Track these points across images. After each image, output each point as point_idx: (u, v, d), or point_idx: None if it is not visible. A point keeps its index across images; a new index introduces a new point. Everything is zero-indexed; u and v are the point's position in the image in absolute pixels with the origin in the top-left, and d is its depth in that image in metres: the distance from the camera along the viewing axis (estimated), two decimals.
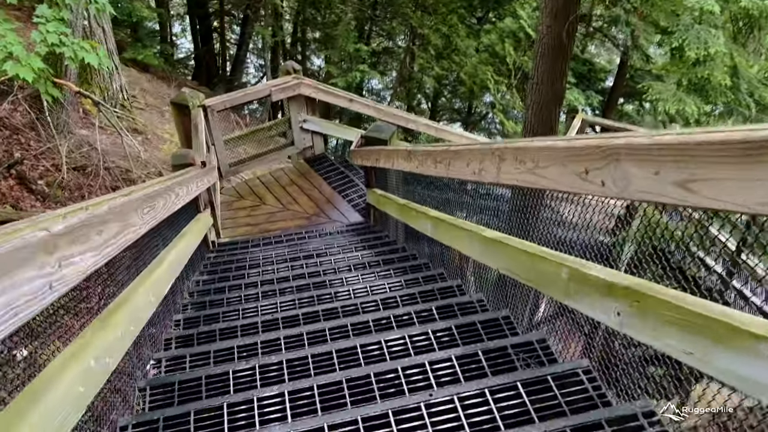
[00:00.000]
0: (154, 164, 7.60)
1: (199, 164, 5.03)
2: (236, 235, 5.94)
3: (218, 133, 6.21)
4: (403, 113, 7.38)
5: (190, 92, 5.93)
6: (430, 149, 2.84)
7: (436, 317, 2.72)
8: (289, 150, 6.92)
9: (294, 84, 6.37)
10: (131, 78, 11.05)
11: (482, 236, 2.55)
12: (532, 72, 5.92)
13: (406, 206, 3.98)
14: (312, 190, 6.66)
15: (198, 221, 4.44)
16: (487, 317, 2.56)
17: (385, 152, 3.94)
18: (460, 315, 2.71)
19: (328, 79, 12.83)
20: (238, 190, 6.65)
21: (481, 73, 10.54)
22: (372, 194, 5.39)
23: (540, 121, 5.99)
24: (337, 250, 4.56)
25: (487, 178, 2.16)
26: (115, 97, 8.05)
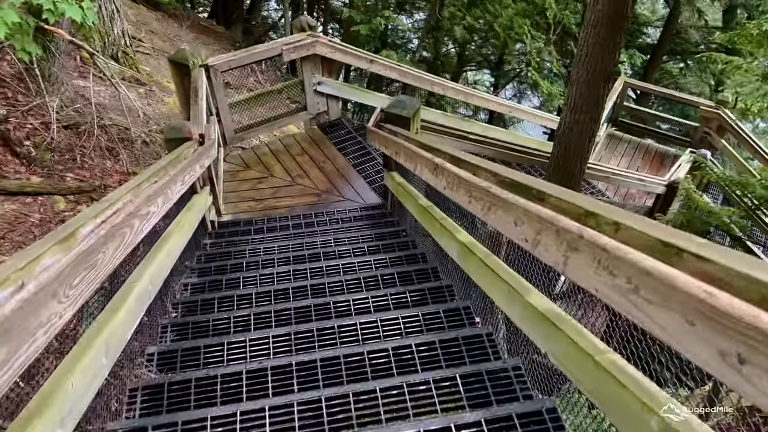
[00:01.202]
0: (157, 120, 7.01)
1: (196, 138, 4.45)
2: (238, 212, 5.40)
3: (222, 95, 5.57)
4: (429, 76, 6.64)
5: (191, 48, 5.27)
6: (466, 178, 2.21)
7: (465, 402, 2.16)
8: (301, 115, 6.27)
9: (308, 43, 5.65)
10: (140, 17, 10.31)
11: (528, 303, 1.98)
12: (580, 43, 5.13)
13: (428, 211, 3.38)
14: (325, 162, 6.05)
15: (189, 211, 3.89)
16: (530, 409, 2.00)
17: (407, 150, 3.30)
18: (494, 396, 2.16)
19: (351, 25, 11.94)
20: (245, 158, 6.06)
21: (517, 26, 9.60)
22: (390, 179, 4.77)
23: (585, 99, 5.25)
24: (348, 249, 4.00)
25: (545, 257, 1.56)
26: (117, 43, 7.38)
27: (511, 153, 5.83)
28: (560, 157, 5.73)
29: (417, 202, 3.67)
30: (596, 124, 5.48)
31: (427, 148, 3.09)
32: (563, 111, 5.64)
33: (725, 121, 9.30)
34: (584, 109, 5.35)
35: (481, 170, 2.33)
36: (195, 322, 2.96)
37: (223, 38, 12.61)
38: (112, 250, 1.88)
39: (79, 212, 5.33)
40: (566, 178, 5.84)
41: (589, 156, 5.80)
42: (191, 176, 3.54)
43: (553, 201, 1.71)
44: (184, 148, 4.06)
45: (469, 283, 2.87)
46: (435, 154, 2.90)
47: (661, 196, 8.08)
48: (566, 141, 5.62)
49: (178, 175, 3.08)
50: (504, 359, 2.39)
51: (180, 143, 4.30)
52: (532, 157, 6.03)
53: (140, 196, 2.46)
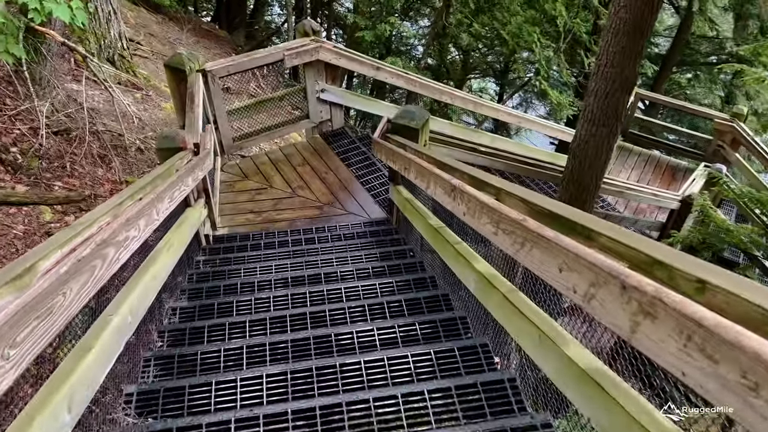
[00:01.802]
0: (153, 126, 6.73)
1: (191, 147, 4.17)
2: (235, 225, 5.11)
3: (220, 102, 5.29)
4: (437, 84, 6.36)
5: (188, 53, 4.99)
6: (491, 205, 1.92)
7: None
8: (303, 123, 5.99)
9: (312, 48, 5.37)
10: (140, 20, 10.06)
11: (564, 355, 1.68)
12: (599, 51, 4.86)
13: (440, 233, 3.09)
14: (327, 172, 5.76)
15: (180, 226, 3.60)
16: None
17: (418, 167, 3.01)
18: None
19: (355, 30, 11.68)
20: (243, 168, 5.77)
21: (526, 34, 9.34)
22: (396, 193, 4.48)
23: (604, 111, 4.97)
24: (351, 270, 3.70)
25: (602, 316, 1.27)
26: (113, 46, 7.11)
27: (522, 166, 5.54)
28: (575, 171, 5.45)
29: (427, 222, 3.38)
30: (614, 137, 5.20)
31: (442, 165, 2.80)
32: (579, 123, 5.36)
33: (739, 134, 9.02)
34: (602, 122, 5.07)
35: (507, 195, 2.04)
36: (181, 355, 2.66)
37: (225, 42, 12.36)
38: (77, 290, 1.59)
39: (67, 224, 5.06)
40: (580, 193, 5.56)
41: (605, 171, 5.52)
42: (182, 191, 3.25)
43: (603, 241, 1.42)
44: (176, 159, 3.78)
45: (488, 316, 2.57)
46: (451, 173, 2.61)
47: (675, 211, 7.80)
48: (582, 155, 5.34)
49: (166, 192, 2.79)
50: (531, 414, 2.09)
51: (173, 153, 4.03)
52: (545, 171, 5.75)
53: (119, 218, 2.17)
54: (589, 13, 9.48)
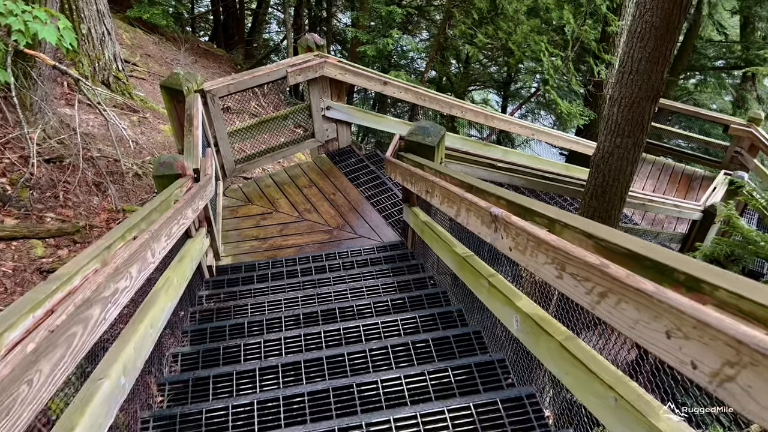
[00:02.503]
0: (151, 150, 6.44)
1: (190, 174, 3.86)
2: (240, 254, 4.79)
3: (221, 123, 5.00)
4: (445, 97, 6.07)
5: (185, 72, 4.71)
6: (548, 240, 1.60)
7: None
8: (308, 143, 5.69)
9: (316, 64, 5.09)
10: (136, 40, 9.82)
11: (655, 428, 1.36)
12: (621, 58, 4.56)
13: (469, 263, 2.76)
14: (335, 194, 5.45)
15: (181, 261, 3.29)
16: None
17: (444, 191, 2.69)
18: None
19: (356, 46, 11.45)
20: (246, 192, 5.47)
21: (533, 43, 9.07)
22: (412, 215, 4.17)
23: (629, 120, 4.66)
24: (368, 304, 3.37)
25: (746, 407, 0.94)
26: (108, 68, 6.84)
27: (542, 181, 5.23)
28: (598, 185, 5.14)
29: (452, 250, 3.06)
30: (640, 149, 4.90)
31: (473, 189, 2.48)
32: (601, 134, 5.05)
33: (758, 139, 8.72)
34: (627, 132, 4.77)
35: (564, 228, 1.72)
36: (184, 415, 2.33)
37: (224, 61, 12.13)
38: (49, 371, 1.27)
39: (59, 258, 4.75)
40: (605, 209, 5.25)
41: (630, 184, 5.21)
42: (182, 225, 2.94)
43: (722, 296, 1.09)
44: (175, 188, 3.47)
45: (534, 361, 2.24)
46: (486, 198, 2.30)
47: (697, 222, 7.47)
48: (605, 168, 5.03)
49: (163, 228, 2.48)
50: None
51: (171, 181, 3.72)
52: (566, 186, 5.43)
53: (107, 267, 1.85)
54: (597, 21, 9.22)
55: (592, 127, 10.19)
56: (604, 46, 9.34)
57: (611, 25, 8.85)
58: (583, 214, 5.39)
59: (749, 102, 11.76)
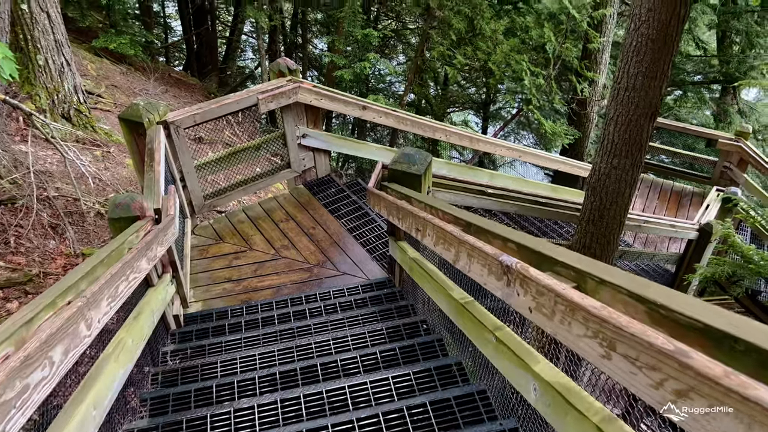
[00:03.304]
0: (115, 186, 6.00)
1: (151, 215, 3.46)
2: (211, 298, 4.36)
3: (187, 157, 4.60)
4: (428, 121, 5.75)
5: (146, 103, 4.32)
6: (587, 308, 1.23)
7: None
8: (284, 174, 5.30)
9: (289, 89, 4.73)
10: (102, 71, 9.41)
11: None
12: (617, 75, 4.28)
13: (469, 311, 2.39)
14: (314, 227, 5.06)
15: (138, 318, 2.86)
16: None
17: (438, 230, 2.31)
18: None
19: (333, 71, 11.16)
20: (217, 229, 5.05)
21: (514, 62, 8.84)
22: (399, 250, 3.79)
23: (626, 141, 4.36)
24: (354, 358, 2.96)
25: None
26: (68, 100, 6.41)
27: (536, 207, 4.90)
28: (595, 209, 4.81)
29: (448, 294, 2.68)
30: (638, 170, 4.59)
31: (473, 229, 2.11)
32: (596, 155, 4.75)
33: (747, 153, 8.53)
34: (624, 153, 4.47)
35: (600, 285, 1.35)
36: None
37: (197, 90, 11.76)
38: None
39: (8, 313, 4.28)
40: (603, 234, 4.92)
41: (629, 207, 4.90)
42: (133, 280, 2.52)
43: None
44: (130, 233, 3.06)
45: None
46: (491, 240, 1.93)
47: (693, 241, 7.20)
48: (602, 190, 4.72)
49: (104, 290, 2.06)
50: None
51: (129, 224, 3.32)
52: (560, 210, 5.10)
53: (19, 353, 1.44)
54: (577, 38, 9.04)
55: (577, 146, 9.96)
56: (586, 64, 9.15)
57: (593, 41, 8.67)
58: (580, 239, 5.06)
59: (732, 116, 11.66)
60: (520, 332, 2.47)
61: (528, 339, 2.62)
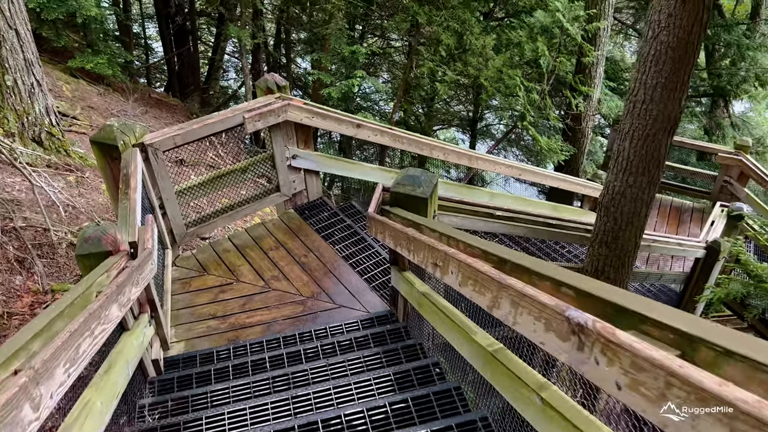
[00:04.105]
0: (90, 214, 5.57)
1: (125, 249, 3.07)
2: (194, 337, 3.94)
3: (167, 182, 4.20)
4: (426, 139, 5.42)
5: (120, 124, 3.93)
6: (692, 381, 0.87)
7: None
8: (273, 198, 4.92)
9: (278, 107, 4.37)
10: (78, 92, 8.99)
11: None
12: (632, 85, 3.98)
13: (501, 363, 2.02)
14: (307, 255, 4.67)
15: (109, 372, 2.45)
16: None
17: (467, 268, 1.94)
18: None
19: (319, 89, 10.85)
20: (201, 259, 4.64)
21: (507, 78, 8.58)
22: (404, 282, 3.42)
23: (642, 157, 4.05)
24: (361, 413, 2.57)
25: None
26: (39, 123, 5.99)
27: (546, 230, 4.56)
28: (609, 231, 4.49)
29: (470, 338, 2.31)
30: (655, 188, 4.29)
31: (509, 267, 1.75)
32: (610, 172, 4.44)
33: (747, 167, 8.30)
34: (641, 170, 4.16)
35: (719, 355, 0.98)
36: None
37: (178, 111, 11.36)
38: None
39: None
40: (617, 256, 4.60)
41: (644, 227, 4.58)
42: (99, 335, 2.11)
43: None
44: (99, 273, 2.67)
45: None
46: (538, 283, 1.57)
47: (700, 260, 6.91)
48: (616, 210, 4.40)
49: (59, 354, 1.66)
50: None
51: (100, 260, 2.93)
52: (571, 232, 4.77)
53: None
54: (571, 52, 8.81)
55: (572, 162, 9.70)
56: (581, 78, 8.92)
57: (587, 55, 8.44)
58: (592, 263, 4.72)
59: (725, 128, 11.51)
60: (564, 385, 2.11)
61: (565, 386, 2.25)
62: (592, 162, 10.57)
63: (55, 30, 9.71)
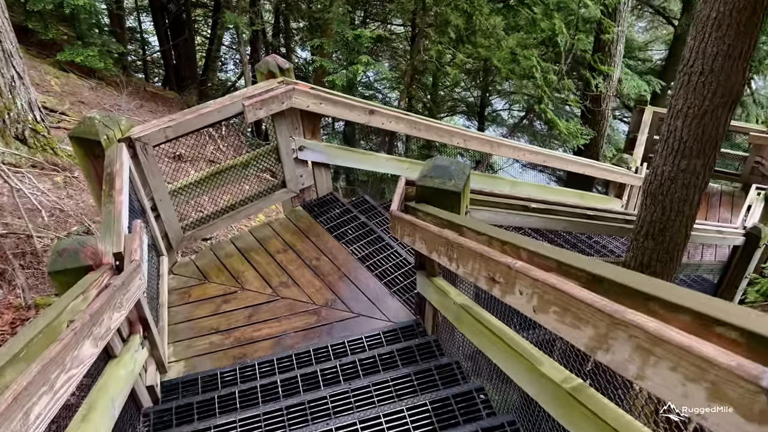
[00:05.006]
0: (79, 217, 5.11)
1: (108, 261, 2.61)
2: (195, 356, 3.48)
3: (159, 180, 3.72)
4: (445, 126, 4.93)
5: (103, 117, 3.45)
6: None
7: None
8: (278, 195, 4.44)
9: (282, 92, 3.87)
10: (68, 87, 8.50)
11: None
12: (686, 57, 3.47)
13: (587, 406, 1.54)
14: (318, 258, 4.20)
15: (89, 417, 1.99)
16: None
17: (553, 291, 1.45)
18: None
19: (322, 76, 10.34)
20: (201, 266, 4.17)
21: (522, 58, 8.06)
22: (434, 290, 2.95)
23: (698, 137, 3.55)
24: None
25: None
26: (22, 119, 5.51)
27: (587, 222, 4.08)
28: (656, 221, 3.98)
29: (535, 369, 1.83)
30: (710, 172, 3.78)
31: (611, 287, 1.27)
32: (657, 155, 3.93)
33: None
34: (696, 152, 3.65)
35: None
36: None
37: (175, 104, 10.87)
38: None
39: None
40: (666, 249, 4.09)
41: (696, 216, 4.09)
42: (68, 380, 1.64)
43: None
44: (75, 294, 2.21)
45: None
46: (677, 319, 1.08)
47: (738, 247, 6.42)
48: (665, 198, 3.89)
49: None
50: None
51: (77, 277, 2.47)
52: (612, 224, 4.29)
53: None
54: (589, 29, 8.27)
55: (592, 147, 9.18)
56: (600, 56, 8.38)
57: (607, 32, 7.90)
58: (635, 257, 4.23)
59: (748, 107, 10.96)
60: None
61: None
62: (611, 146, 10.05)
63: (42, 22, 9.21)
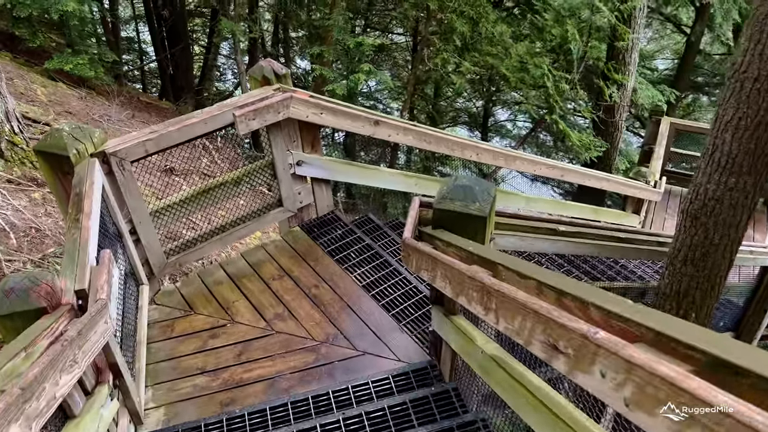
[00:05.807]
0: (58, 237, 4.67)
1: (69, 303, 2.17)
2: (177, 400, 3.03)
3: (138, 200, 3.29)
4: (457, 138, 4.51)
5: (72, 128, 3.02)
6: None
7: None
8: (274, 215, 4.00)
9: (278, 101, 3.45)
10: (55, 96, 8.08)
11: None
12: (740, 59, 3.06)
13: None
14: (318, 285, 3.75)
15: None
16: None
17: (647, 376, 1.03)
18: None
19: (322, 86, 9.93)
20: (186, 294, 3.72)
21: (532, 66, 7.66)
22: (454, 331, 2.52)
23: (750, 151, 3.14)
24: None
25: None
26: None
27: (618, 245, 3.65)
28: (697, 245, 3.55)
29: None
30: (760, 191, 3.37)
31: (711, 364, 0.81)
32: (699, 172, 3.50)
33: None
34: (746, 169, 3.22)
35: None
36: None
37: (169, 114, 10.45)
38: None
39: None
40: (707, 276, 3.65)
41: (742, 240, 3.66)
42: None
43: None
44: (18, 349, 1.79)
45: None
46: None
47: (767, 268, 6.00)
48: (710, 220, 3.46)
49: None
50: None
51: (28, 322, 2.04)
52: (645, 247, 3.86)
53: None
54: (602, 36, 7.89)
55: (605, 159, 8.77)
56: (614, 65, 7.99)
57: (622, 39, 7.51)
58: (671, 284, 3.78)
59: None
60: None
61: None
62: (623, 158, 9.65)
63: (30, 28, 8.82)
